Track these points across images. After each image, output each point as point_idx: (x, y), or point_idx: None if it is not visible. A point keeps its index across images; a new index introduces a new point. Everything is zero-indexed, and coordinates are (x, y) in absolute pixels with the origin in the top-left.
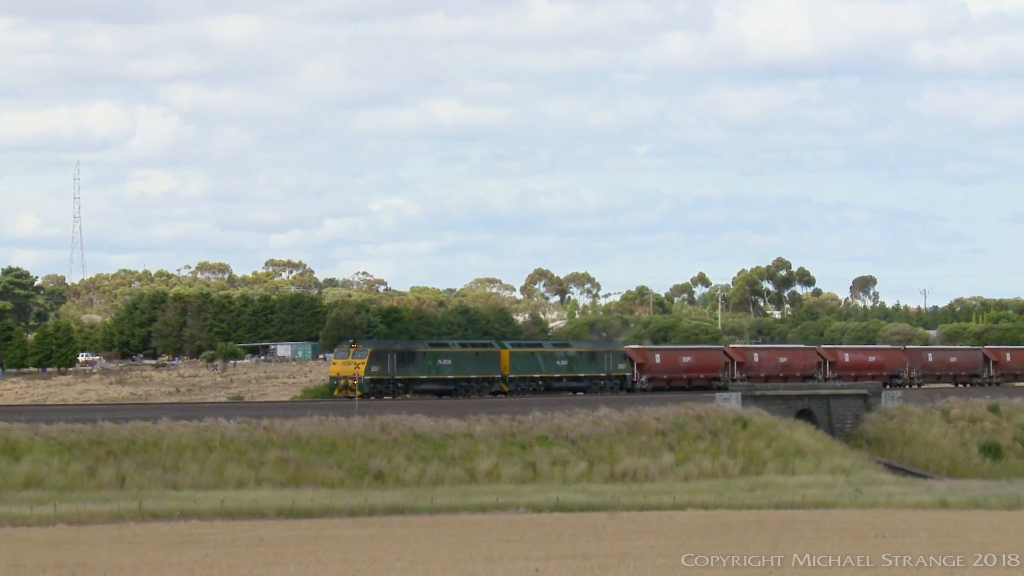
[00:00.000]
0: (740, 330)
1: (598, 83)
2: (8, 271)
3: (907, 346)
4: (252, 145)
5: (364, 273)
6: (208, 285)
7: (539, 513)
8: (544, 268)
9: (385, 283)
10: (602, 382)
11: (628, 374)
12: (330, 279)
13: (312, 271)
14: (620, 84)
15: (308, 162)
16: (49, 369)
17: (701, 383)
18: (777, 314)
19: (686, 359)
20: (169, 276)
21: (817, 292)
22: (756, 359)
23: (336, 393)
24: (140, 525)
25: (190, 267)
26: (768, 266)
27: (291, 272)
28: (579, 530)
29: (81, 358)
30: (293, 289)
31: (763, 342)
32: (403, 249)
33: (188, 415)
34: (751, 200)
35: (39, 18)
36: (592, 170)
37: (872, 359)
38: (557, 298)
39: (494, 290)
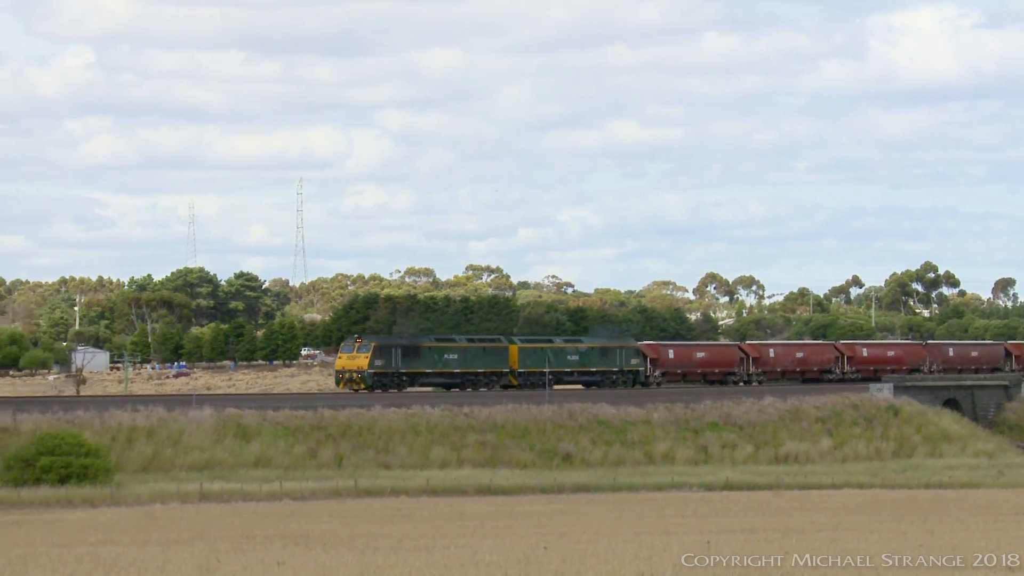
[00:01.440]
0: (891, 327)
1: (762, 106)
2: (240, 275)
3: (928, 341)
4: (454, 163)
5: (553, 276)
6: (415, 287)
7: (710, 492)
8: (714, 272)
9: (572, 285)
10: (614, 376)
11: (641, 369)
12: (523, 282)
13: (507, 275)
14: (782, 107)
15: (504, 178)
16: (275, 362)
17: (716, 378)
18: (926, 313)
19: (700, 354)
20: (381, 280)
21: (962, 293)
22: (772, 354)
23: (341, 387)
24: (355, 500)
25: (399, 271)
26: (917, 269)
27: (489, 276)
28: (746, 507)
29: (303, 352)
30: (490, 291)
31: (913, 339)
32: (588, 255)
33: (397, 403)
34: (901, 211)
35: (269, 52)
36: (757, 184)
37: (890, 354)
38: (726, 299)
39: (669, 291)
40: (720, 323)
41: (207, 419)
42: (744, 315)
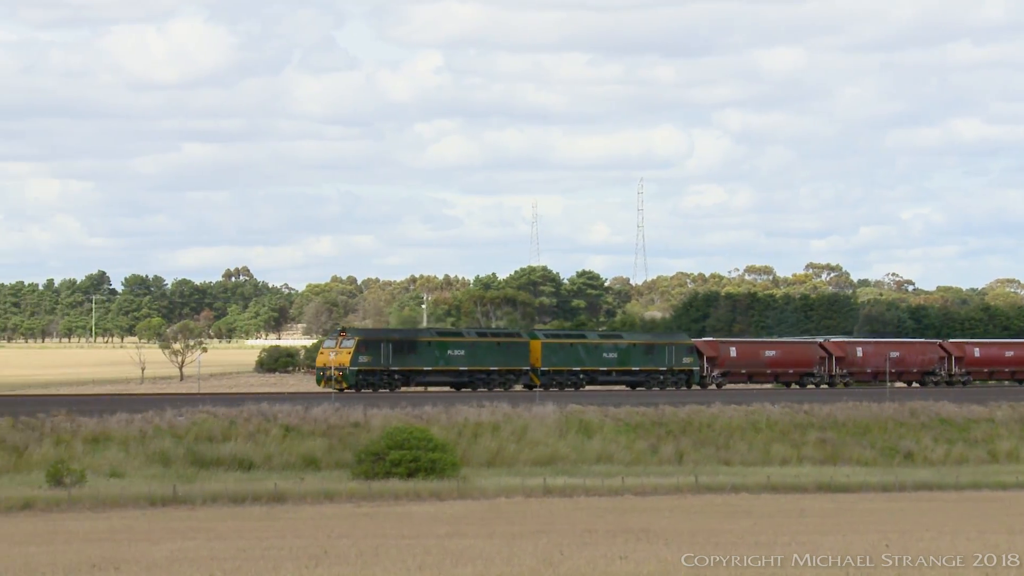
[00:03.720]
0: None
1: None
2: (582, 273)
3: None
4: (795, 162)
5: (894, 274)
6: (754, 285)
7: None
8: None
9: (913, 283)
10: (661, 376)
11: (695, 368)
12: (863, 280)
13: (848, 273)
14: None
15: (844, 176)
16: None
17: (790, 378)
18: None
19: (769, 352)
20: (720, 278)
21: None
22: (860, 354)
23: (322, 385)
24: (695, 496)
25: (738, 269)
26: None
27: (829, 274)
28: None
29: None
30: (830, 289)
31: None
32: (930, 253)
33: (737, 400)
34: None
35: (612, 54)
36: None
37: (1009, 354)
38: None
39: (1013, 290)
40: None
41: (550, 415)
42: None
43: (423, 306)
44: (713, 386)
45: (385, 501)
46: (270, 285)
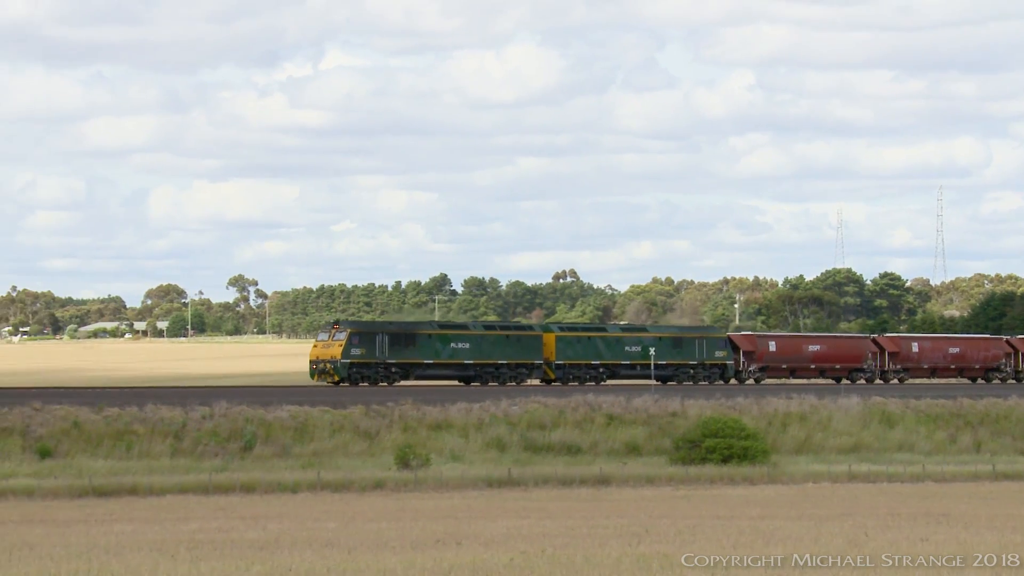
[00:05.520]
0: None
1: None
2: (884, 275)
3: None
4: None
5: None
6: None
7: None
8: None
9: None
10: (692, 370)
11: (730, 363)
12: None
13: None
14: None
15: None
16: None
17: (837, 374)
18: None
19: (814, 347)
20: (1016, 279)
21: None
22: (915, 349)
23: (315, 379)
24: (993, 484)
25: None
26: None
27: None
28: None
29: None
30: None
31: None
32: None
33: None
34: None
35: (915, 70)
36: None
37: None
38: None
39: None
40: None
41: (854, 406)
42: None
43: (735, 305)
44: (751, 381)
45: (701, 485)
46: (595, 286)
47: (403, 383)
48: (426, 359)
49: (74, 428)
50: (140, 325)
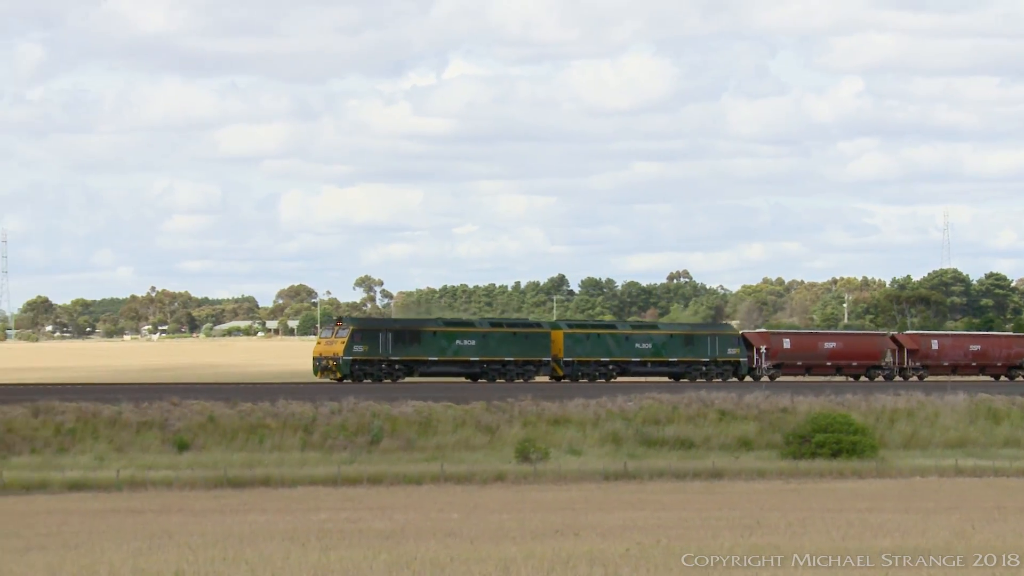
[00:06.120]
0: None
1: None
2: (990, 275)
3: None
4: None
5: None
6: None
7: None
8: None
9: None
10: (704, 368)
11: (743, 360)
12: None
13: None
14: None
15: None
16: None
17: (854, 371)
18: None
19: (830, 344)
20: None
21: None
22: (935, 347)
23: (318, 376)
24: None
25: None
26: None
27: None
28: None
29: None
30: None
31: None
32: None
33: None
34: None
35: (1020, 76)
36: None
37: None
38: None
39: None
40: None
41: (960, 403)
42: None
43: (844, 305)
44: (765, 378)
45: (810, 478)
46: (707, 286)
47: (408, 379)
48: (431, 356)
49: (210, 422)
50: (272, 324)
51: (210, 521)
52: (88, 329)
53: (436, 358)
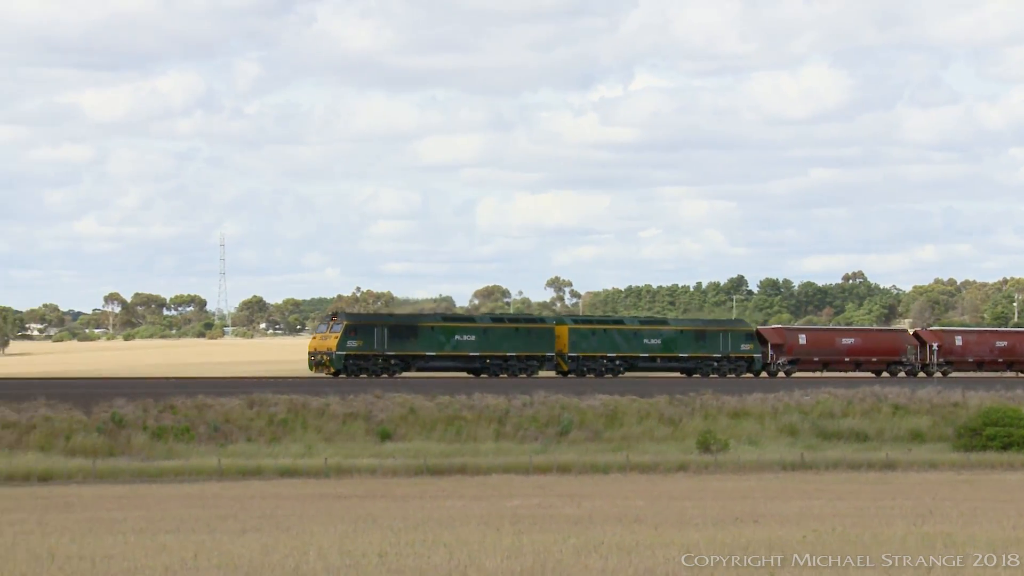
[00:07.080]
0: None
1: None
2: None
3: None
4: None
5: None
6: None
7: None
8: None
9: None
10: (715, 364)
11: (757, 356)
12: None
13: None
14: None
15: None
16: None
17: (874, 367)
18: None
19: (848, 341)
20: None
21: None
22: (959, 343)
23: (313, 370)
24: None
25: None
26: None
27: None
28: None
29: None
30: None
31: None
32: None
33: None
34: None
35: None
36: None
37: None
38: None
39: None
40: None
41: None
42: None
43: (1014, 303)
44: (781, 374)
45: (982, 470)
46: (881, 286)
47: (405, 375)
48: (428, 351)
49: (411, 414)
50: None
51: (411, 506)
52: (298, 327)
53: (433, 353)
